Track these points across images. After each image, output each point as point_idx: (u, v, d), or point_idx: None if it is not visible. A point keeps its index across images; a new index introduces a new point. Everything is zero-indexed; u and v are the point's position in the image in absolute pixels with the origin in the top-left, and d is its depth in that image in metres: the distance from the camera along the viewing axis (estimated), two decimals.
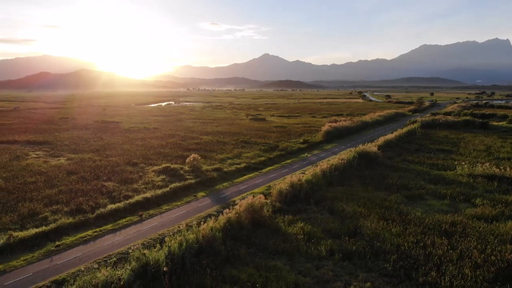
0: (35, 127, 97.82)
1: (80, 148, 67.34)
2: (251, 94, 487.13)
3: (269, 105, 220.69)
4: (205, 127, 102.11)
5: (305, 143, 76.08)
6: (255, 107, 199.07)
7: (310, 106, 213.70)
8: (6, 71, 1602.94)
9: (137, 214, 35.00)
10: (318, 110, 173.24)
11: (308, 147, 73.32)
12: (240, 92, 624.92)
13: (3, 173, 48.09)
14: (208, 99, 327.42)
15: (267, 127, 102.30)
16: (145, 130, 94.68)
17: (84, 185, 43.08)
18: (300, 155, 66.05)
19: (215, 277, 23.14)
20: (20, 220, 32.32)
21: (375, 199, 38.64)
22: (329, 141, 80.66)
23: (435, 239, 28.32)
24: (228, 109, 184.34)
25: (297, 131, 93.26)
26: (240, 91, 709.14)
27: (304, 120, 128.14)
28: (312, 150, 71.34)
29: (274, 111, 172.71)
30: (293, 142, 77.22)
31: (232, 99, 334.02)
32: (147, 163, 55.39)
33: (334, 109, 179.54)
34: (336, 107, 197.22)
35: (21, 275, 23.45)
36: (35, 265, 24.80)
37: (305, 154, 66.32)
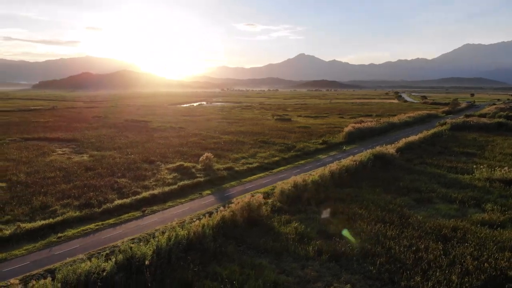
0: (67, 125, 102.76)
1: (104, 146, 70.17)
2: (284, 95, 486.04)
3: (299, 106, 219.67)
4: (228, 127, 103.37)
5: (324, 144, 75.52)
6: (284, 108, 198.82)
7: (341, 106, 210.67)
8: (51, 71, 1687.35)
9: (141, 210, 36.31)
10: (348, 111, 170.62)
11: (327, 148, 72.73)
12: (273, 93, 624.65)
13: (27, 168, 51.11)
14: (239, 99, 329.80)
15: (290, 128, 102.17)
16: (171, 129, 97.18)
17: (98, 181, 45.06)
18: (316, 156, 65.67)
19: (197, 273, 23.79)
20: (31, 212, 34.43)
21: (380, 201, 37.97)
22: (350, 142, 79.52)
23: (429, 244, 27.61)
24: (256, 110, 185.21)
25: (320, 132, 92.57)
26: (273, 92, 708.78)
27: (331, 120, 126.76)
28: (330, 151, 70.68)
29: (302, 111, 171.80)
30: (312, 142, 76.79)
31: (263, 99, 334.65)
32: (163, 161, 57.02)
33: (365, 110, 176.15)
34: (368, 108, 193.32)
35: (19, 263, 25.13)
36: (35, 255, 26.48)
37: (321, 155, 65.86)
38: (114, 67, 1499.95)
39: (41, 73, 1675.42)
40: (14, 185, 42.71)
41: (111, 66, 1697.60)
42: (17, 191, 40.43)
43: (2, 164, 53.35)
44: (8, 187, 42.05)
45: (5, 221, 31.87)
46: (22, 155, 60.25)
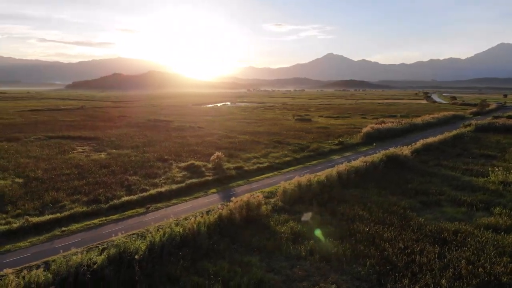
0: (92, 125, 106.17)
1: (123, 144, 72.15)
2: (309, 95, 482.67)
3: (323, 106, 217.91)
4: (247, 127, 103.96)
5: (339, 144, 74.81)
6: (306, 108, 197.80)
7: (366, 106, 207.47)
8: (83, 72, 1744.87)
9: (145, 206, 37.28)
10: (372, 111, 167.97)
11: (342, 149, 72.00)
12: (299, 93, 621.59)
13: (45, 165, 53.33)
14: (264, 99, 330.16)
15: (308, 128, 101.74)
16: (190, 129, 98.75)
17: (109, 178, 46.52)
18: (329, 156, 65.14)
19: (187, 268, 24.34)
20: (41, 206, 36.03)
21: (384, 203, 37.45)
22: (367, 143, 78.35)
23: (426, 247, 27.08)
24: (278, 110, 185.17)
25: (338, 132, 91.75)
26: (299, 92, 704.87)
27: (352, 121, 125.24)
28: (345, 152, 69.93)
29: (324, 111, 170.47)
30: (328, 143, 76.20)
31: (288, 99, 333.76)
32: (176, 159, 58.14)
33: (390, 110, 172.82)
34: (394, 108, 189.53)
35: (21, 254, 26.46)
36: (37, 247, 27.78)
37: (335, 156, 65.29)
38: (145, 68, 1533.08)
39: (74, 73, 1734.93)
40: (30, 181, 44.71)
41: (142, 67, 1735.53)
42: (32, 187, 42.33)
43: (23, 160, 55.84)
44: (24, 182, 44.07)
45: (16, 215, 33.53)
46: (44, 153, 62.84)
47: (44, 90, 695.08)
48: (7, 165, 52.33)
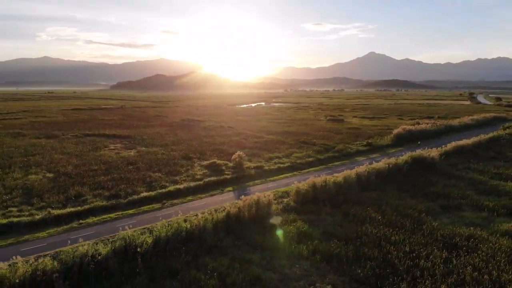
0: (128, 123, 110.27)
1: (153, 143, 74.47)
2: (348, 95, 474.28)
3: (360, 106, 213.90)
4: (276, 127, 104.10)
5: (367, 146, 73.37)
6: (342, 108, 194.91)
7: (405, 107, 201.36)
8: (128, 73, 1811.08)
9: (161, 202, 38.52)
10: (410, 112, 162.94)
11: (369, 150, 70.55)
12: (338, 93, 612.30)
13: (76, 160, 56.18)
14: (300, 99, 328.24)
15: (338, 128, 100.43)
16: (220, 128, 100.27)
17: (133, 174, 48.32)
18: (354, 158, 64.09)
19: (188, 263, 25.02)
20: (65, 200, 38.10)
21: (400, 206, 36.57)
22: (397, 145, 76.32)
23: (433, 251, 26.22)
24: (312, 110, 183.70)
25: (369, 133, 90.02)
26: (338, 92, 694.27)
27: (387, 122, 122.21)
28: (372, 153, 68.47)
29: (360, 112, 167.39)
30: (356, 144, 74.92)
31: (325, 99, 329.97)
32: (200, 158, 59.38)
33: (429, 111, 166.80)
34: (434, 109, 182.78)
35: (37, 244, 28.22)
36: (53, 238, 29.50)
37: (360, 157, 64.08)
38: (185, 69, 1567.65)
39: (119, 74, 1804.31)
40: (60, 176, 47.33)
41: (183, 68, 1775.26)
42: (60, 181, 44.78)
43: (56, 156, 59.11)
44: (54, 177, 46.71)
45: (40, 207, 35.68)
46: (77, 149, 66.17)
47: (90, 90, 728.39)
48: (41, 161, 55.61)
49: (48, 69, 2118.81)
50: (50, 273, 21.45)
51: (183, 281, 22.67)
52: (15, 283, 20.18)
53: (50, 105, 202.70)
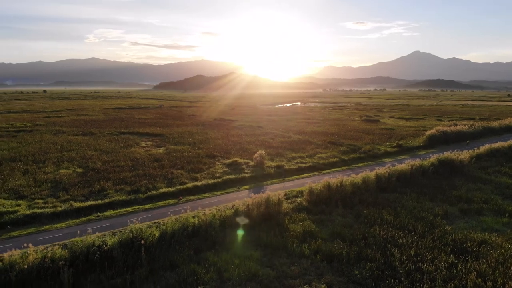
0: (162, 122, 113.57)
1: (182, 141, 76.36)
2: (390, 95, 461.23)
3: (399, 106, 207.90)
4: (306, 127, 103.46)
5: (397, 147, 71.38)
6: (380, 108, 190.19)
7: (446, 108, 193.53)
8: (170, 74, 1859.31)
9: (178, 198, 39.64)
10: (451, 113, 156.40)
11: (398, 152, 68.62)
12: (379, 93, 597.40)
13: (106, 157, 58.76)
14: (338, 99, 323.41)
15: (371, 129, 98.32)
16: (249, 128, 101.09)
17: (157, 171, 49.95)
18: (381, 159, 62.62)
19: (190, 257, 25.74)
20: (88, 194, 40.15)
21: (416, 209, 35.51)
22: (429, 147, 73.72)
23: (440, 256, 25.33)
24: (348, 110, 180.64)
25: (402, 135, 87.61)
26: (380, 92, 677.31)
27: (424, 123, 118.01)
28: (401, 155, 66.54)
29: (398, 112, 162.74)
30: (385, 145, 73.15)
31: (364, 99, 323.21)
32: (224, 156, 60.32)
33: (471, 112, 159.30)
34: (476, 110, 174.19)
35: (55, 234, 30.01)
36: (70, 228, 31.19)
37: (387, 159, 62.44)
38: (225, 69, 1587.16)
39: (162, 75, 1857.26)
40: (88, 171, 49.78)
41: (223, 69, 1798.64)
42: (87, 176, 47.13)
43: (89, 153, 62.12)
44: (83, 172, 49.22)
45: (64, 200, 37.80)
46: (110, 146, 69.13)
47: (133, 90, 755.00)
48: (74, 157, 58.68)
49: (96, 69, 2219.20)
50: (58, 260, 22.83)
51: (181, 274, 23.37)
52: (24, 268, 21.65)
53: (93, 104, 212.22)
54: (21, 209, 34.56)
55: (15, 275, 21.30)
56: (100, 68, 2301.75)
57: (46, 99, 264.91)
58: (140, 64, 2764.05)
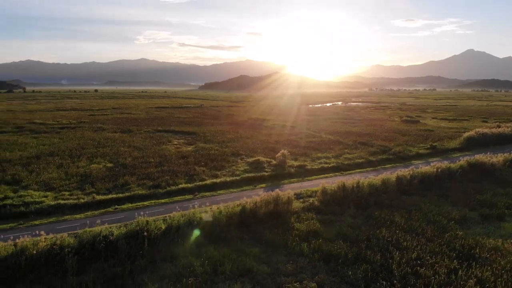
0: (199, 121, 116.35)
1: (213, 139, 77.95)
2: (438, 95, 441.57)
3: (445, 107, 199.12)
4: (340, 126, 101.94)
5: (430, 149, 68.72)
6: (424, 109, 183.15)
7: (496, 109, 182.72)
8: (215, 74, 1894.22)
9: (193, 194, 40.79)
10: (500, 115, 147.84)
11: (431, 154, 66.04)
12: (428, 93, 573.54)
13: (138, 153, 61.32)
14: (382, 99, 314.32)
15: (408, 130, 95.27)
16: (282, 127, 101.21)
17: (180, 167, 51.49)
18: (411, 161, 60.55)
19: (191, 250, 26.59)
20: (112, 187, 42.30)
21: (431, 212, 34.35)
22: (465, 149, 70.24)
23: (443, 261, 24.41)
24: (391, 110, 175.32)
25: (439, 136, 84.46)
26: (429, 91, 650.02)
27: (468, 124, 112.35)
28: (433, 157, 63.96)
29: (442, 113, 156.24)
30: (418, 147, 70.70)
31: (410, 99, 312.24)
32: (248, 155, 61.01)
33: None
34: None
35: (73, 223, 31.98)
36: (88, 219, 32.98)
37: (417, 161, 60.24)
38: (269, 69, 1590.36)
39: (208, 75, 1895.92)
40: (117, 166, 52.30)
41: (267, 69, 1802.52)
42: (115, 171, 49.53)
43: (123, 149, 65.09)
44: (112, 167, 51.77)
45: (88, 193, 40.11)
46: (144, 143, 71.99)
47: (179, 90, 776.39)
48: (108, 152, 61.74)
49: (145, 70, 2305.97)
50: (66, 247, 24.48)
51: (178, 266, 24.25)
52: (33, 254, 23.44)
53: (138, 103, 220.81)
54: (47, 200, 37.17)
55: (25, 259, 23.10)
56: (149, 69, 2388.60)
57: (96, 98, 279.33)
58: (187, 65, 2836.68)
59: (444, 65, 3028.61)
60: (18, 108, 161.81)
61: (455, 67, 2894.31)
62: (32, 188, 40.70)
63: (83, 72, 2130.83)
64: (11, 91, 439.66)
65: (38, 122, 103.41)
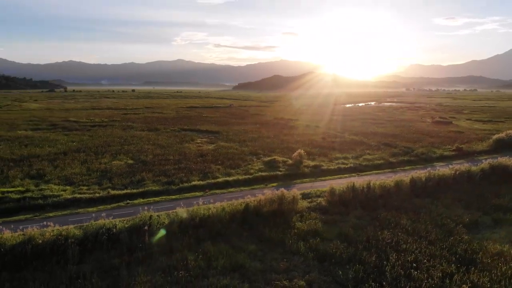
0: (225, 121, 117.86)
1: (234, 139, 78.75)
2: (478, 95, 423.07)
3: (482, 108, 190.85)
4: (368, 127, 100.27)
5: (456, 150, 66.28)
6: (460, 110, 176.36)
7: None
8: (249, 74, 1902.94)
9: (204, 191, 41.63)
10: None
11: (456, 156, 63.75)
12: (467, 93, 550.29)
13: (160, 151, 62.97)
14: (418, 99, 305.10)
15: (437, 131, 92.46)
16: (306, 127, 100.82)
17: (197, 165, 52.53)
18: (433, 163, 58.64)
19: (188, 245, 27.32)
20: (128, 183, 43.85)
21: (441, 215, 33.44)
22: (493, 152, 67.28)
23: (440, 264, 23.82)
24: (424, 111, 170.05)
25: (469, 138, 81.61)
26: (468, 92, 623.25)
27: (503, 126, 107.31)
28: (458, 159, 61.67)
29: (478, 114, 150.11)
30: (444, 149, 68.44)
31: (447, 100, 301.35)
32: (266, 154, 61.31)
33: None
34: None
35: (84, 217, 33.36)
36: (100, 213, 34.13)
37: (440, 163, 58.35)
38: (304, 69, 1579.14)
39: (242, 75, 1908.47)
40: (137, 163, 54.08)
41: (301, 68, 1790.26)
42: (134, 168, 51.25)
43: (146, 146, 67.13)
44: (132, 164, 53.60)
45: (105, 187, 41.85)
46: (168, 141, 73.87)
47: (213, 90, 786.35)
48: (131, 149, 63.92)
49: (181, 71, 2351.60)
50: (71, 237, 25.85)
51: (173, 259, 24.99)
52: (39, 243, 24.92)
53: (171, 103, 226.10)
54: (65, 193, 39.14)
55: (31, 248, 24.60)
56: (185, 70, 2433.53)
57: (132, 98, 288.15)
58: (222, 66, 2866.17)
59: (486, 65, 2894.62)
60: (56, 107, 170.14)
61: (497, 67, 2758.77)
62: (53, 182, 42.94)
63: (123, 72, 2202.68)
64: (53, 91, 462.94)
65: (72, 120, 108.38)
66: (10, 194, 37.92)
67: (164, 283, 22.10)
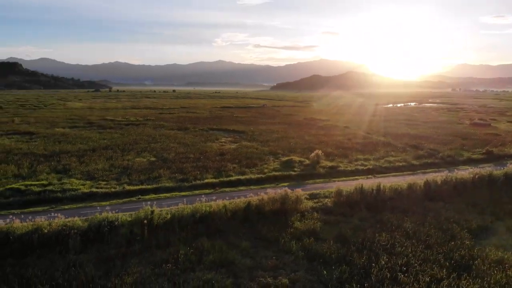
0: (254, 121, 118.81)
1: (258, 138, 79.19)
2: None
3: None
4: (399, 128, 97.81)
5: (486, 154, 63.30)
6: (503, 112, 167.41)
7: None
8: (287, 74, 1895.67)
9: (214, 188, 42.56)
10: None
11: (483, 159, 61.03)
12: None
13: (183, 149, 64.67)
14: (462, 100, 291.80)
15: (472, 133, 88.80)
16: (334, 128, 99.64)
17: (214, 164, 53.59)
18: (457, 166, 56.30)
19: (184, 239, 28.30)
20: (144, 179, 45.62)
21: (448, 220, 32.43)
22: None
23: (432, 269, 23.23)
24: (465, 112, 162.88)
25: (504, 141, 77.83)
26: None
27: None
28: (485, 163, 58.86)
29: None
30: (473, 151, 65.66)
31: (492, 101, 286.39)
32: (285, 154, 61.38)
33: None
34: None
35: (93, 210, 35.08)
36: (110, 207, 35.64)
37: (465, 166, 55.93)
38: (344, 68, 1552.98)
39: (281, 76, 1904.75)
40: (158, 160, 55.96)
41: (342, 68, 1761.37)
42: (155, 164, 53.09)
43: (171, 145, 69.13)
44: (154, 161, 55.53)
45: (122, 183, 43.81)
46: (193, 140, 75.64)
47: (250, 90, 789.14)
48: (156, 148, 66.09)
49: (222, 71, 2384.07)
50: (75, 228, 27.55)
51: (167, 253, 25.99)
52: (45, 233, 26.76)
53: (207, 103, 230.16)
54: (84, 188, 41.43)
55: (37, 237, 26.48)
56: (225, 70, 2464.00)
57: (171, 98, 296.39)
58: (261, 66, 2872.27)
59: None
60: (98, 106, 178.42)
61: None
62: (75, 177, 45.52)
63: (165, 73, 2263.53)
64: (98, 90, 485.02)
65: (108, 119, 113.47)
66: (33, 187, 40.68)
67: (152, 275, 23.10)
